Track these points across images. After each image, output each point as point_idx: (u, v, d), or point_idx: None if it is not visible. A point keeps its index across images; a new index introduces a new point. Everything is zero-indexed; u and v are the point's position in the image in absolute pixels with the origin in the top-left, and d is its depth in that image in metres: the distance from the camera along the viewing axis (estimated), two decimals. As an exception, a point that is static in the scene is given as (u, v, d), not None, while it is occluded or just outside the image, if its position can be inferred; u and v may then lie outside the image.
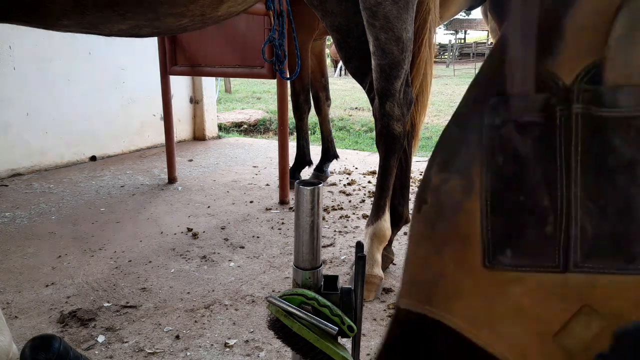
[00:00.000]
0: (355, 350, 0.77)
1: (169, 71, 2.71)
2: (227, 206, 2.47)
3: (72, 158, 3.32)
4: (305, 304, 0.70)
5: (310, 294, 0.71)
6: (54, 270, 1.74)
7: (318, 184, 0.73)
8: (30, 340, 0.66)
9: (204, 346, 1.30)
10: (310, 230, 0.73)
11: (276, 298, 0.69)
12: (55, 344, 0.66)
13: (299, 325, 0.68)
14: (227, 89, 9.14)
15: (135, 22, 1.09)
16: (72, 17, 1.01)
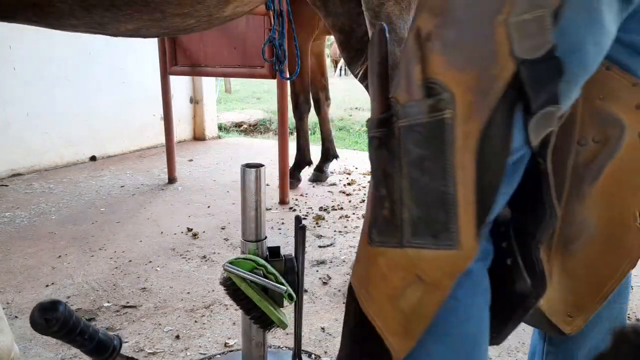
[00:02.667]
0: (297, 314, 0.89)
1: (169, 71, 2.71)
2: (227, 206, 2.47)
3: (72, 158, 3.32)
4: (257, 269, 0.82)
5: (260, 261, 0.83)
6: (54, 270, 1.74)
7: (261, 166, 0.85)
8: (37, 304, 0.74)
9: (204, 346, 1.29)
10: (256, 206, 0.85)
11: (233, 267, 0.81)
12: (61, 307, 0.74)
13: (246, 285, 0.80)
14: (227, 89, 9.13)
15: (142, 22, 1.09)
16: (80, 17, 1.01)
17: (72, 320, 0.76)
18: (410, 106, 0.50)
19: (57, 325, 0.74)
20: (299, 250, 0.87)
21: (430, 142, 0.49)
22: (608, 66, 0.59)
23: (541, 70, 0.46)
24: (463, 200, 0.49)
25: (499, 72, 0.47)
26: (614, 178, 0.61)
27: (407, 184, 0.52)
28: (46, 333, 0.74)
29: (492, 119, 0.47)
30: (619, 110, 0.59)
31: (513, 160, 0.51)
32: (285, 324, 0.85)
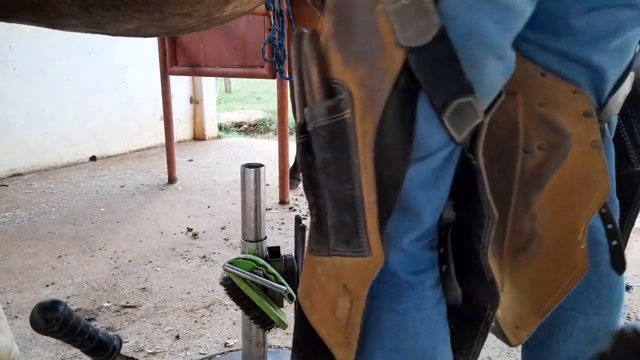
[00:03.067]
0: None
1: (169, 71, 2.71)
2: (227, 206, 2.47)
3: (72, 158, 3.32)
4: (257, 269, 0.82)
5: (260, 261, 0.83)
6: (53, 270, 1.74)
7: (261, 166, 0.84)
8: (37, 304, 0.73)
9: (204, 346, 1.29)
10: (255, 206, 0.85)
11: (233, 267, 0.80)
12: (61, 307, 0.74)
13: (246, 285, 0.80)
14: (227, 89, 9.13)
15: (142, 22, 1.09)
16: (79, 17, 1.01)
17: (72, 320, 0.76)
18: (313, 109, 0.49)
19: (57, 325, 0.74)
20: (299, 250, 0.88)
21: (333, 145, 0.47)
22: (543, 73, 0.56)
23: (432, 57, 0.43)
24: (368, 202, 0.47)
25: (388, 64, 0.44)
26: (560, 189, 0.59)
27: (325, 190, 0.51)
28: (46, 333, 0.74)
29: (385, 114, 0.45)
30: (562, 118, 0.57)
31: (439, 158, 0.48)
32: (286, 324, 0.85)
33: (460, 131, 0.47)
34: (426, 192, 0.50)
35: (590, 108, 0.55)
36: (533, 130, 0.59)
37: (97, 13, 1.01)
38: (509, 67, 0.49)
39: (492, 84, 0.47)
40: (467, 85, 0.45)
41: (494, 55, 0.45)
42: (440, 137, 0.47)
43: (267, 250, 0.90)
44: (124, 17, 1.06)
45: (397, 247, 0.52)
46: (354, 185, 0.47)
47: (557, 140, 0.58)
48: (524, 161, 0.61)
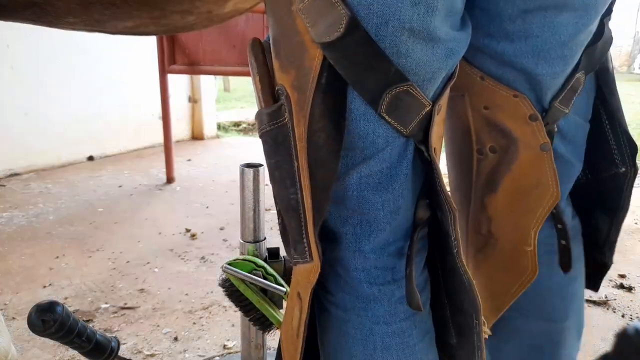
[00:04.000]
0: None
1: (167, 70, 2.69)
2: (226, 206, 2.46)
3: (69, 158, 3.31)
4: (256, 270, 0.81)
5: (259, 262, 0.82)
6: (51, 271, 1.73)
7: (260, 165, 0.83)
8: (35, 305, 0.73)
9: (203, 348, 1.29)
10: (254, 207, 0.85)
11: (232, 268, 0.80)
12: (59, 308, 0.74)
13: (245, 287, 0.80)
14: (226, 87, 9.12)
15: (141, 20, 1.08)
16: (78, 15, 1.00)
17: (70, 321, 0.75)
18: (259, 116, 0.49)
19: (55, 326, 0.73)
20: None
21: (277, 150, 0.47)
22: (482, 76, 0.55)
23: (348, 50, 0.42)
24: (307, 205, 0.46)
25: (310, 63, 0.43)
26: (512, 192, 0.58)
27: (276, 196, 0.50)
28: (44, 334, 0.74)
29: (312, 113, 0.44)
30: (508, 122, 0.55)
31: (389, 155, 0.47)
32: None
33: (405, 123, 0.45)
34: (380, 194, 0.48)
35: (533, 111, 0.54)
36: (483, 132, 0.58)
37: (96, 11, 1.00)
38: (451, 49, 0.45)
39: (430, 69, 0.44)
40: (395, 74, 0.43)
41: (421, 38, 0.42)
42: (385, 132, 0.45)
43: (266, 251, 0.89)
44: (123, 15, 1.05)
45: (359, 254, 0.50)
46: (296, 189, 0.46)
47: (506, 144, 0.57)
48: (478, 163, 0.60)
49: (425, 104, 0.45)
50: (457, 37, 0.45)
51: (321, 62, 0.43)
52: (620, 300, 1.55)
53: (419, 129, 0.46)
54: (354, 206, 0.49)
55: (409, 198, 0.49)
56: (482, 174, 0.60)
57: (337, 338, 0.51)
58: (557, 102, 0.55)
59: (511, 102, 0.54)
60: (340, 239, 0.50)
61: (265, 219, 0.88)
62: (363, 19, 0.41)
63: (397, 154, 0.47)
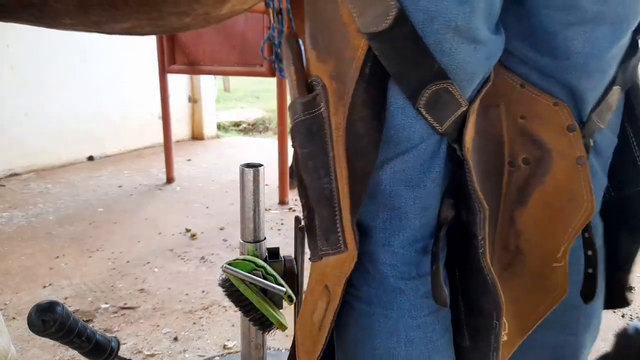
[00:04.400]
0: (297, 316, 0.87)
1: (167, 70, 2.69)
2: (226, 206, 2.46)
3: (69, 158, 3.31)
4: (256, 270, 0.81)
5: (259, 262, 0.82)
6: (51, 271, 1.73)
7: (260, 166, 0.83)
8: (35, 305, 0.73)
9: (203, 348, 1.28)
10: (254, 207, 0.84)
11: (232, 268, 0.79)
12: (59, 308, 0.73)
13: (245, 287, 0.79)
14: (226, 87, 9.12)
15: (138, 21, 1.08)
16: (76, 16, 1.00)
17: (70, 321, 0.75)
18: (292, 106, 0.49)
19: (55, 326, 0.73)
20: (299, 251, 0.87)
21: (311, 140, 0.48)
22: (522, 84, 0.54)
23: (394, 43, 0.42)
24: (342, 195, 0.46)
25: (353, 54, 0.43)
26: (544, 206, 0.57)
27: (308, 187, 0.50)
28: (44, 334, 0.74)
29: (354, 103, 0.44)
30: (544, 132, 0.54)
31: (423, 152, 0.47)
32: (285, 326, 0.84)
33: (441, 121, 0.45)
34: (413, 190, 0.48)
35: (572, 122, 0.53)
36: (517, 143, 0.57)
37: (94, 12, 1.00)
38: (490, 51, 0.46)
39: (470, 70, 0.45)
40: (438, 71, 0.43)
41: (464, 38, 0.43)
42: (421, 128, 0.46)
43: (266, 251, 0.89)
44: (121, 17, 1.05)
45: (387, 249, 0.50)
46: (330, 179, 0.47)
47: (540, 155, 0.55)
48: (509, 175, 0.59)
49: (463, 104, 0.45)
50: (495, 40, 0.46)
51: (365, 53, 0.43)
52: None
53: (454, 128, 0.46)
54: (385, 200, 0.49)
55: (438, 196, 0.50)
56: (513, 186, 0.59)
57: (359, 332, 0.52)
58: (594, 114, 0.54)
59: (551, 110, 0.54)
60: (370, 232, 0.50)
61: (265, 219, 0.88)
62: (411, 14, 0.41)
63: (431, 151, 0.47)
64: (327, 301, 0.50)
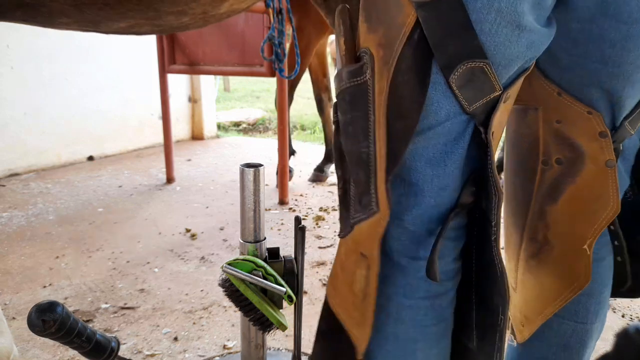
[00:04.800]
0: (297, 316, 0.88)
1: (167, 70, 2.69)
2: (226, 206, 2.46)
3: (69, 158, 3.31)
4: (256, 270, 0.81)
5: (259, 262, 0.82)
6: (51, 271, 1.73)
7: (260, 166, 0.83)
8: (35, 305, 0.73)
9: (203, 348, 1.28)
10: (254, 207, 0.84)
11: (232, 268, 0.79)
12: (59, 308, 0.73)
13: (245, 287, 0.79)
14: (226, 87, 9.12)
15: (135, 20, 1.08)
16: (71, 16, 1.00)
17: (70, 321, 0.75)
18: (339, 74, 0.50)
19: (55, 326, 0.73)
20: (299, 251, 0.87)
21: (354, 107, 0.48)
22: (559, 92, 0.57)
23: (440, 12, 0.42)
24: (379, 156, 0.47)
25: (404, 20, 0.44)
26: (573, 203, 0.61)
27: (346, 154, 0.51)
28: (44, 335, 0.74)
29: (398, 66, 0.45)
30: (578, 136, 0.58)
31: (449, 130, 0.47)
32: (285, 326, 0.84)
33: (471, 100, 0.45)
34: (433, 168, 0.48)
35: (604, 129, 0.56)
36: (552, 144, 0.60)
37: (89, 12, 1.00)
38: (533, 41, 0.45)
39: (508, 55, 0.44)
40: (476, 48, 0.43)
41: (507, 22, 0.42)
42: (449, 104, 0.46)
43: (266, 251, 0.89)
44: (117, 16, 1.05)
45: (398, 223, 0.51)
46: (369, 142, 0.47)
47: (573, 157, 0.59)
48: (542, 173, 0.62)
49: (497, 88, 0.45)
50: (542, 31, 0.45)
51: (415, 19, 0.44)
52: (620, 300, 1.55)
53: (482, 110, 0.46)
54: (404, 174, 0.49)
55: (458, 179, 0.50)
56: (545, 183, 0.62)
57: None
58: (627, 121, 0.57)
59: (584, 118, 0.56)
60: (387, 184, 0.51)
61: (265, 219, 0.88)
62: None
63: (455, 131, 0.47)
64: (367, 267, 0.49)
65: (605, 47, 0.52)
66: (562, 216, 0.62)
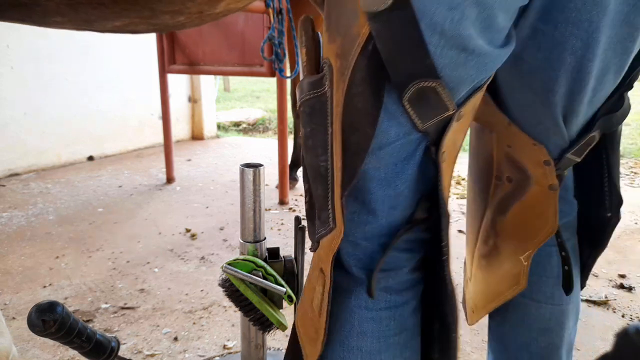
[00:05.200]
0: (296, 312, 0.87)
1: (167, 70, 2.69)
2: (226, 206, 2.46)
3: (69, 158, 3.31)
4: (256, 270, 0.81)
5: (259, 262, 0.82)
6: (51, 271, 1.73)
7: (260, 166, 0.83)
8: (35, 305, 0.73)
9: (203, 348, 1.28)
10: (254, 207, 0.84)
11: (232, 268, 0.79)
12: (59, 308, 0.74)
13: (245, 287, 0.79)
14: (226, 87, 9.12)
15: (130, 19, 1.08)
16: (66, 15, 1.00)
17: (70, 321, 0.75)
18: (300, 85, 0.50)
19: (55, 326, 0.73)
20: (299, 251, 0.87)
21: (313, 119, 0.48)
22: (509, 123, 0.61)
23: (392, 25, 0.40)
24: (335, 170, 0.47)
25: (359, 30, 0.43)
26: (519, 217, 0.67)
27: (307, 167, 0.51)
28: (44, 335, 0.74)
29: (353, 77, 0.44)
30: (525, 162, 0.63)
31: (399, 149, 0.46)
32: (285, 326, 0.84)
33: (423, 119, 0.44)
34: (383, 189, 0.48)
35: (548, 158, 0.61)
36: (504, 164, 0.66)
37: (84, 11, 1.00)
38: (483, 63, 0.44)
39: (456, 78, 0.43)
40: (429, 67, 0.41)
41: (452, 45, 0.41)
42: (400, 123, 0.45)
43: (266, 251, 0.89)
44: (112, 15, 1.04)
45: (350, 239, 0.51)
46: (327, 156, 0.47)
47: (521, 178, 0.65)
48: (495, 187, 0.69)
49: (450, 107, 0.44)
50: (493, 53, 0.44)
51: (370, 30, 0.42)
52: (620, 300, 1.55)
53: (435, 129, 0.45)
54: (356, 194, 0.49)
55: (409, 198, 0.50)
56: (497, 197, 0.68)
57: None
58: (569, 153, 0.61)
59: (530, 147, 0.61)
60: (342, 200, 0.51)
61: (265, 219, 0.88)
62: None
63: (406, 150, 0.47)
64: (323, 283, 0.50)
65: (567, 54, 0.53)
66: (509, 228, 0.68)
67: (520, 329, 0.73)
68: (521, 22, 0.52)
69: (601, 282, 1.67)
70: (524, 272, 0.68)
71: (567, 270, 0.70)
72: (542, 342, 0.72)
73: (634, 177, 3.11)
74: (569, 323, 0.73)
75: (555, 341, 0.71)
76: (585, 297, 1.57)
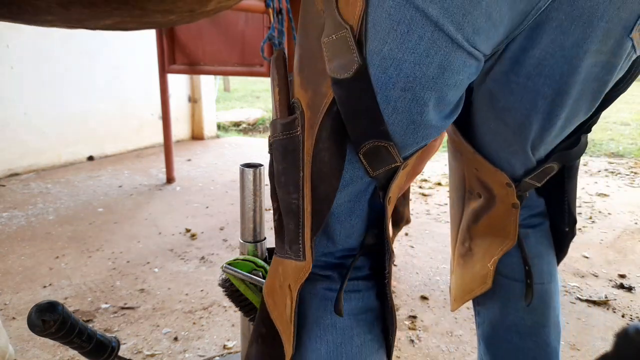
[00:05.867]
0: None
1: (167, 70, 2.69)
2: (226, 206, 2.46)
3: (69, 158, 3.31)
4: (256, 270, 0.82)
5: (259, 262, 0.83)
6: (51, 271, 1.73)
7: (260, 165, 0.83)
8: (35, 305, 0.73)
9: (203, 348, 1.28)
10: (254, 207, 0.85)
11: (232, 268, 0.80)
12: (59, 308, 0.74)
13: (245, 287, 0.80)
14: (226, 87, 9.12)
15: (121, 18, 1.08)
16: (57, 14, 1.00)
17: (70, 321, 0.75)
18: (274, 124, 0.55)
19: (55, 326, 0.73)
20: None
21: (286, 158, 0.53)
22: (474, 152, 0.69)
23: (352, 93, 0.46)
24: (306, 212, 0.52)
25: (327, 90, 0.48)
26: (487, 228, 0.77)
27: (279, 198, 0.56)
28: (44, 335, 0.74)
29: (320, 134, 0.49)
30: (490, 183, 0.71)
31: (353, 191, 0.53)
32: None
33: (375, 167, 0.51)
34: (340, 224, 0.56)
35: (509, 181, 0.69)
36: (473, 182, 0.75)
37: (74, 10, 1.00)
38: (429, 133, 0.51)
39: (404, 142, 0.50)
40: (382, 131, 0.48)
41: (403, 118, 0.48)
42: (355, 169, 0.52)
43: (266, 251, 0.89)
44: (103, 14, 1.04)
45: (316, 260, 0.59)
46: (299, 195, 0.52)
47: (488, 195, 0.74)
48: (468, 199, 0.79)
49: (398, 161, 0.51)
50: (440, 123, 0.51)
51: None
52: (620, 300, 1.55)
53: (384, 176, 0.53)
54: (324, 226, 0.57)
55: (361, 227, 0.58)
56: (470, 207, 0.79)
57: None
58: (528, 179, 0.69)
59: (493, 172, 0.69)
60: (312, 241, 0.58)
61: (265, 219, 0.88)
62: (370, 70, 0.46)
63: (357, 191, 0.54)
64: (291, 300, 0.56)
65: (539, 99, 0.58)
66: (480, 235, 0.78)
67: (506, 310, 0.79)
68: (496, 68, 0.57)
69: (601, 282, 1.67)
70: (489, 275, 0.78)
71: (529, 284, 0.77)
72: (528, 321, 0.77)
73: (634, 177, 3.11)
74: (552, 302, 0.79)
75: (541, 320, 0.77)
76: (585, 297, 1.57)
